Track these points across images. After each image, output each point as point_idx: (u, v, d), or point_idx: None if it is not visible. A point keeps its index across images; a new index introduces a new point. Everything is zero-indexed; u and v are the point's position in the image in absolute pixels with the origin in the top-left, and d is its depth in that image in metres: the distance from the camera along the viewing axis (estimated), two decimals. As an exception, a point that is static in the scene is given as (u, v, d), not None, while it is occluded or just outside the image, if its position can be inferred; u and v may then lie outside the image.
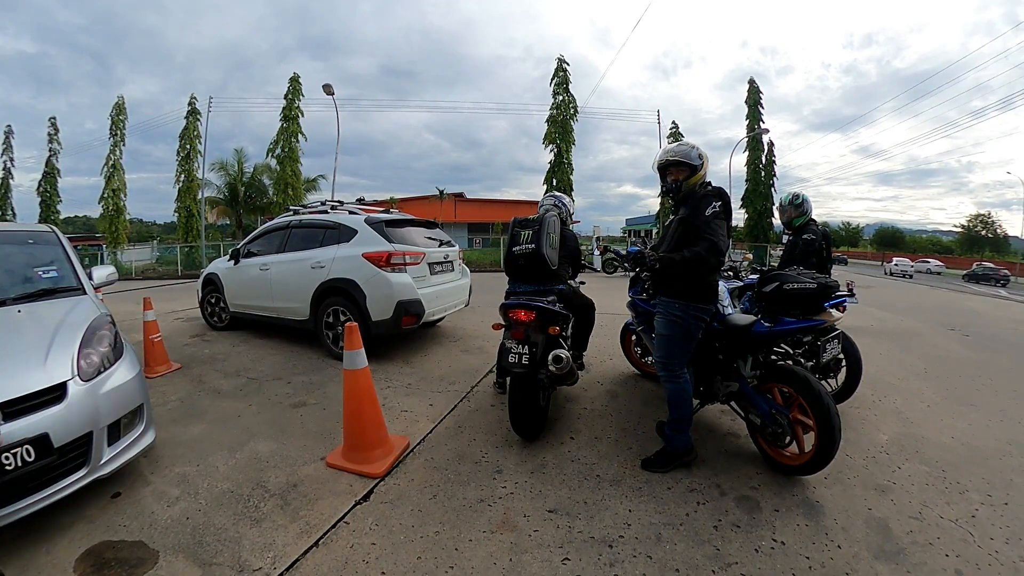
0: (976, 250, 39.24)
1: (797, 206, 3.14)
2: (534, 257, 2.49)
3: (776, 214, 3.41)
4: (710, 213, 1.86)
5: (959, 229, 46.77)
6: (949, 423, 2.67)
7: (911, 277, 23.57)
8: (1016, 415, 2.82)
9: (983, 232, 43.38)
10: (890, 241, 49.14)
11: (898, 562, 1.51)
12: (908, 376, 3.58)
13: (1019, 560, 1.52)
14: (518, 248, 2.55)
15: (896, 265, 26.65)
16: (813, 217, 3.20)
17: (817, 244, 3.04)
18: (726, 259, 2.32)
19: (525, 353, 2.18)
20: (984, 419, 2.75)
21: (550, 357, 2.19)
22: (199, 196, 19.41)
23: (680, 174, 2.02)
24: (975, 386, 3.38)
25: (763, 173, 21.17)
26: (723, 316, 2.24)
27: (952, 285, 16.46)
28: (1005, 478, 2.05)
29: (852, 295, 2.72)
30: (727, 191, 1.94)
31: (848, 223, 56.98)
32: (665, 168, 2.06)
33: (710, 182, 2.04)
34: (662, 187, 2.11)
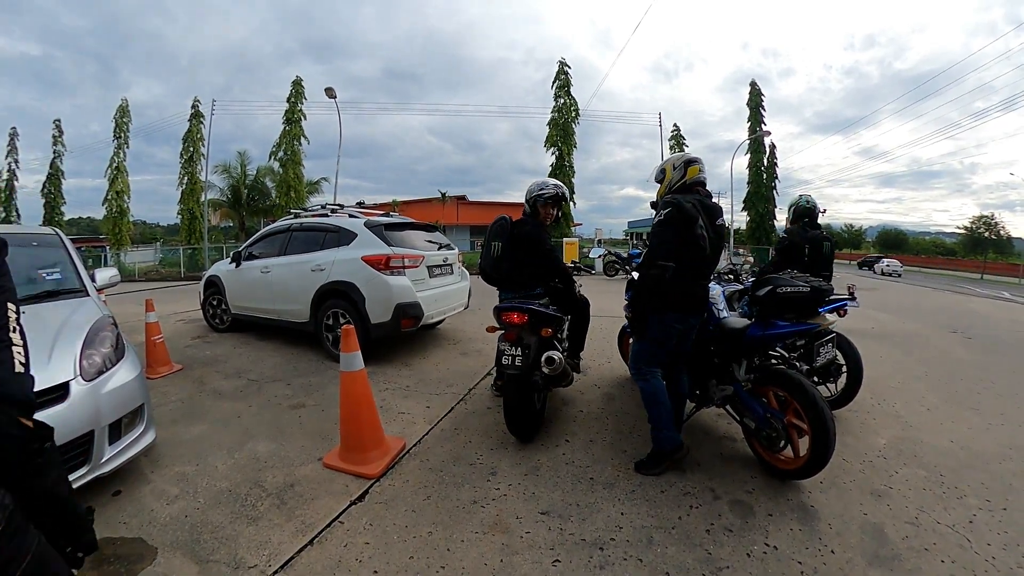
0: (979, 252, 38.89)
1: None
2: (481, 272, 2.71)
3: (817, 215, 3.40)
4: (655, 222, 1.97)
5: (962, 231, 46.38)
6: (949, 427, 2.66)
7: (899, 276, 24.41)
8: (1017, 419, 2.80)
9: (986, 234, 42.97)
10: (893, 243, 48.80)
11: (893, 568, 1.50)
12: (908, 379, 3.56)
13: (1017, 566, 1.51)
14: (480, 262, 2.76)
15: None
16: (811, 221, 3.20)
17: (787, 243, 3.13)
18: (720, 264, 2.41)
19: (518, 355, 2.20)
20: (984, 423, 2.73)
21: (543, 358, 2.21)
22: (202, 198, 19.57)
23: (659, 191, 2.23)
24: (976, 389, 3.36)
25: (765, 176, 21.14)
26: (718, 319, 2.25)
27: (942, 285, 16.31)
28: (1004, 483, 2.03)
29: (853, 298, 2.71)
30: (684, 199, 1.97)
31: (851, 225, 56.77)
32: None
33: (699, 184, 2.08)
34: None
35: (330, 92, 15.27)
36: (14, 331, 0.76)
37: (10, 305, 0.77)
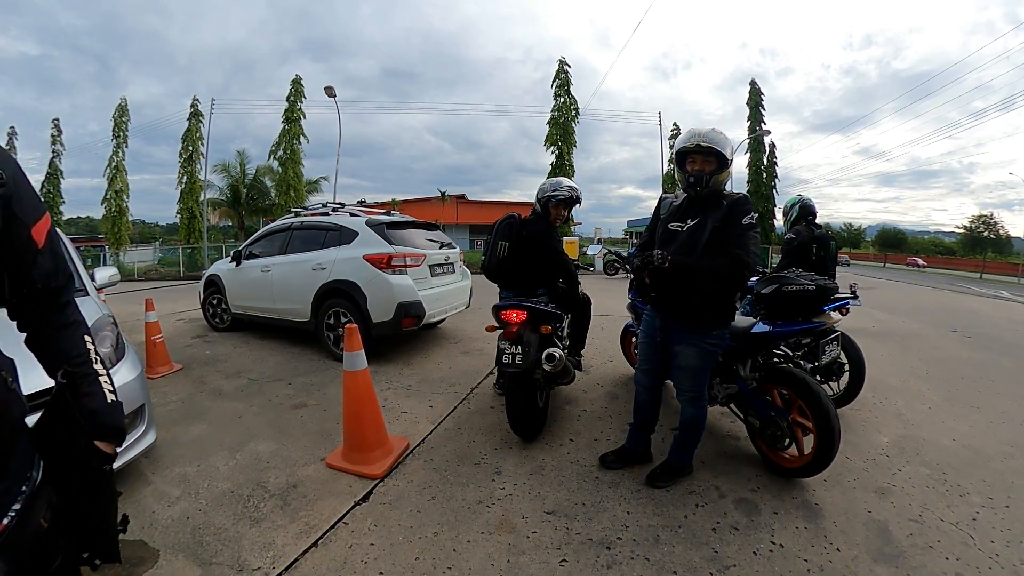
0: (978, 251, 39.08)
1: (784, 211, 3.24)
2: (486, 271, 2.69)
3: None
4: (747, 223, 1.64)
5: (961, 230, 46.66)
6: (950, 425, 2.66)
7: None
8: (1018, 417, 2.81)
9: (985, 233, 43.24)
10: (892, 242, 48.94)
11: (898, 565, 1.50)
12: (909, 378, 3.57)
13: (1020, 563, 1.52)
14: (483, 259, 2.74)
15: None
16: (812, 220, 3.19)
17: (797, 243, 3.03)
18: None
19: (518, 353, 2.19)
20: (986, 421, 2.74)
21: (543, 356, 2.20)
22: (201, 198, 19.50)
23: (708, 165, 1.69)
24: (977, 388, 3.37)
25: (764, 175, 21.17)
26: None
27: (951, 286, 16.37)
28: (1006, 480, 2.04)
29: (855, 297, 2.70)
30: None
31: (850, 224, 56.93)
32: (689, 155, 1.71)
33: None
34: (686, 178, 1.72)
35: (329, 91, 15.24)
36: (97, 362, 0.76)
37: (87, 338, 0.76)
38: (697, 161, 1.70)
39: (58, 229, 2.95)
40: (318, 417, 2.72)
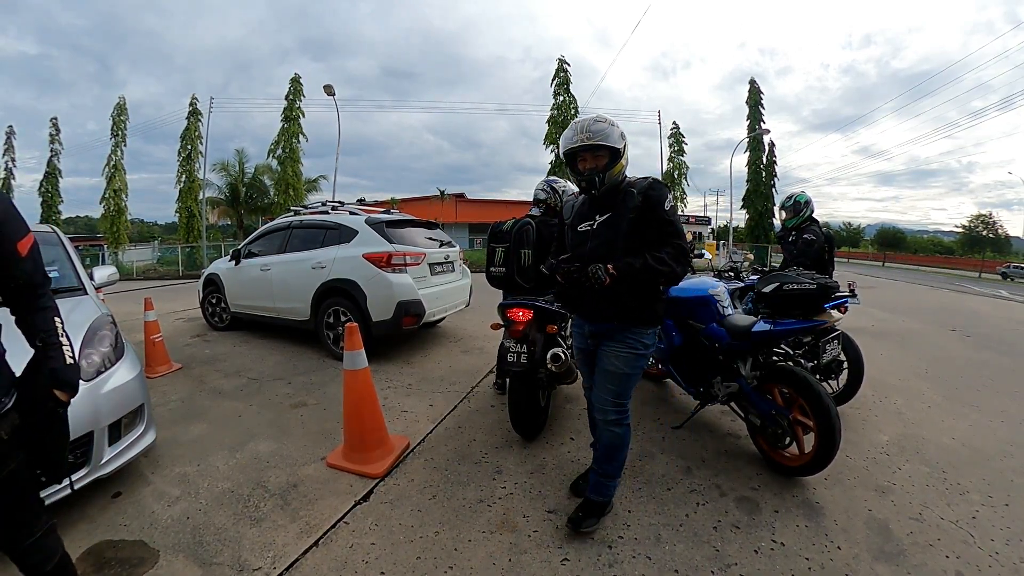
0: (977, 250, 39.20)
1: (788, 208, 3.18)
2: (507, 281, 2.60)
3: (776, 214, 3.30)
4: (669, 208, 1.49)
5: (960, 229, 46.85)
6: (950, 424, 2.67)
7: None
8: (1017, 416, 2.81)
9: (984, 232, 43.40)
10: (891, 242, 49.03)
11: (898, 563, 1.51)
12: (909, 377, 3.57)
13: (1019, 561, 1.52)
14: (494, 269, 2.64)
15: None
16: (815, 218, 3.19)
17: (818, 245, 3.01)
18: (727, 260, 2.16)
19: (523, 352, 2.18)
20: (985, 420, 2.74)
21: (548, 356, 2.19)
22: (200, 196, 19.46)
23: (600, 161, 1.52)
24: (976, 387, 3.38)
25: (764, 174, 21.20)
26: (723, 317, 2.25)
27: (953, 285, 16.41)
28: (1006, 479, 2.04)
29: (854, 295, 2.71)
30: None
31: (849, 223, 57.03)
32: (578, 154, 1.54)
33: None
34: (579, 180, 1.58)
35: (329, 89, 15.20)
36: (62, 335, 1.06)
37: (56, 319, 1.06)
38: (587, 159, 1.53)
39: (57, 230, 2.92)
40: (318, 416, 2.72)
